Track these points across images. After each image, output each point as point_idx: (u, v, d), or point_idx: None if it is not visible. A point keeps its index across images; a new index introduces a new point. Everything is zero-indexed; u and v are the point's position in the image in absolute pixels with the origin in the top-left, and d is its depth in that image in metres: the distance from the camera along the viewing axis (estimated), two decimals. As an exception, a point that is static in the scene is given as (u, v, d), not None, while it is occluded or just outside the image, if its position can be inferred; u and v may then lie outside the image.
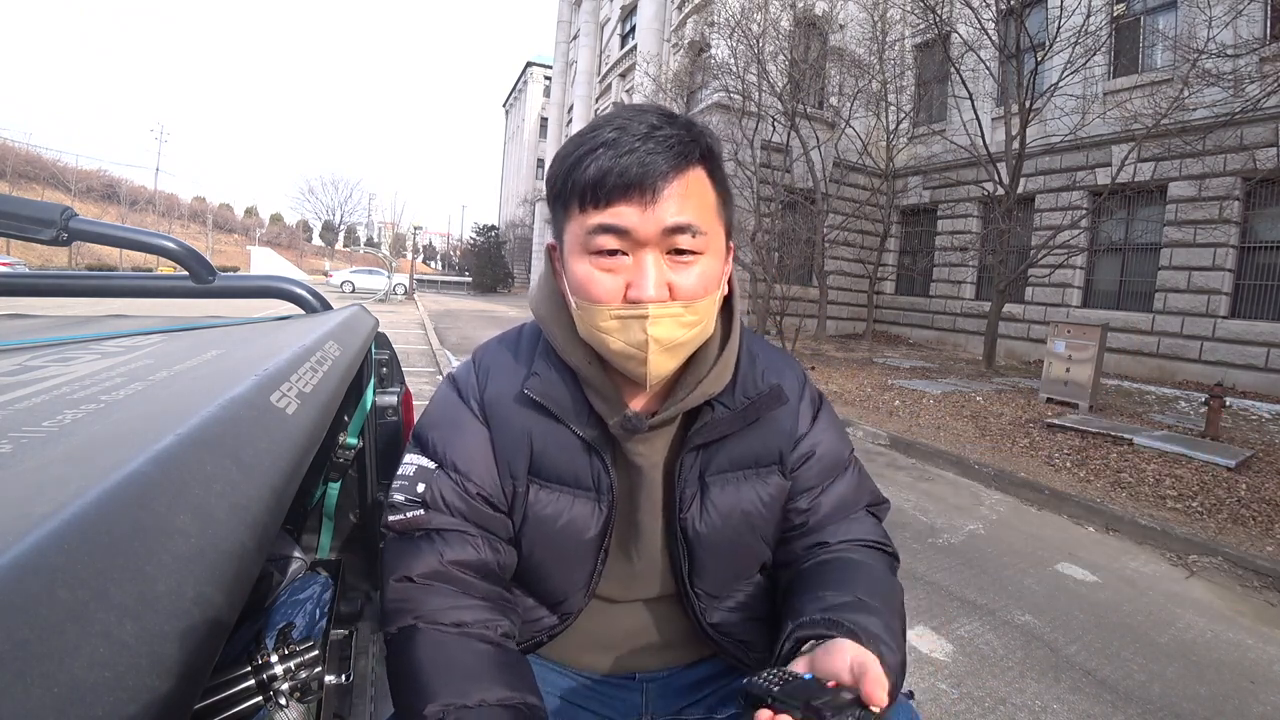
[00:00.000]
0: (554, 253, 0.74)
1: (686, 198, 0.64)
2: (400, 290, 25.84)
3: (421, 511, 0.71)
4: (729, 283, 0.74)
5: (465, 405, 0.76)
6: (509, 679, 0.63)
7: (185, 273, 1.10)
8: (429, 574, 0.68)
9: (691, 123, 0.67)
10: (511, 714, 0.60)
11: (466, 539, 0.70)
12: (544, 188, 0.72)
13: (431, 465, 0.73)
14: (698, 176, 0.65)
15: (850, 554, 0.75)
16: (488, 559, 0.71)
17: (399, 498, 0.72)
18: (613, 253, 0.64)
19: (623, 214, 0.62)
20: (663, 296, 0.64)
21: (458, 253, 59.53)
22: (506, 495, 0.73)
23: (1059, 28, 8.27)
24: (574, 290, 0.67)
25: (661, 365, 0.66)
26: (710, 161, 0.67)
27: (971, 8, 8.47)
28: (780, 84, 10.86)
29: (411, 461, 0.74)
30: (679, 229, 0.63)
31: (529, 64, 41.46)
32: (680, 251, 0.65)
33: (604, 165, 0.62)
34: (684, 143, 0.64)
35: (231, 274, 1.16)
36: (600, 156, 0.62)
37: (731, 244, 0.73)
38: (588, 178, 0.62)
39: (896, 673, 0.57)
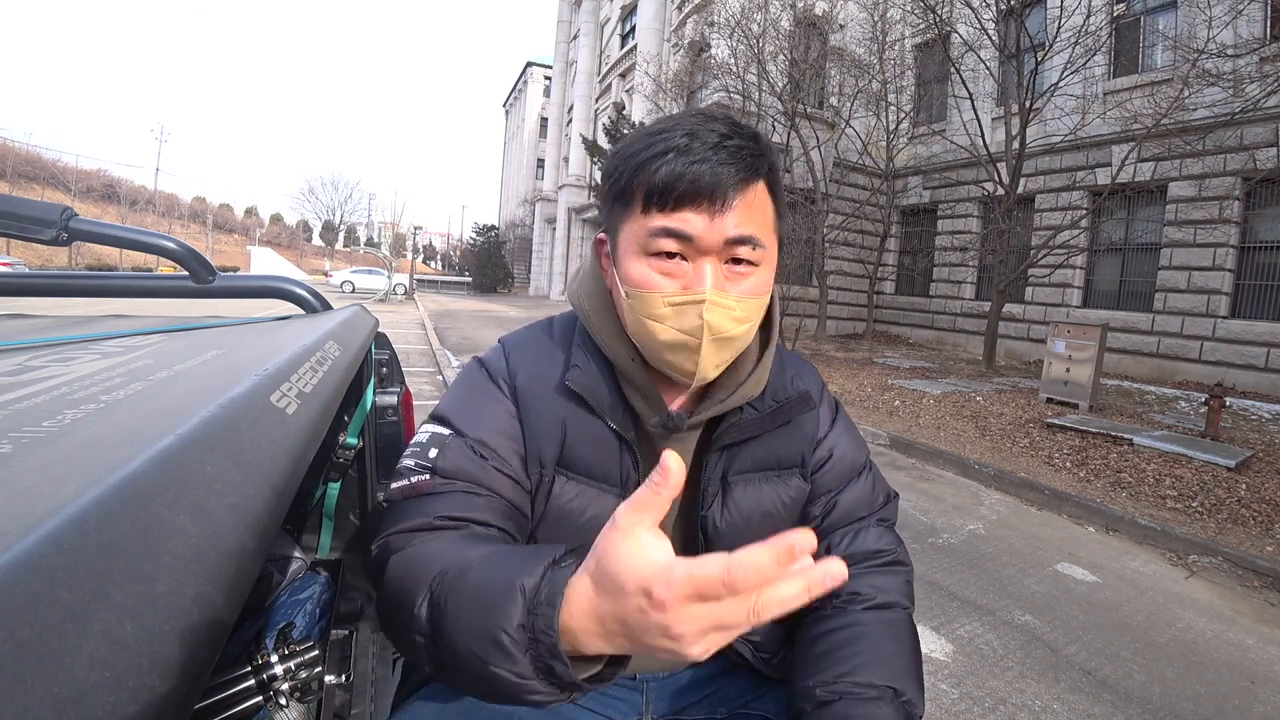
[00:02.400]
0: (602, 247, 0.74)
1: (751, 209, 0.64)
2: (400, 290, 25.84)
3: (428, 477, 0.66)
4: (770, 295, 0.75)
5: (495, 386, 0.74)
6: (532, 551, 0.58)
7: (185, 273, 1.09)
8: (423, 526, 0.63)
9: (758, 135, 0.67)
10: (500, 545, 0.58)
11: (472, 497, 0.66)
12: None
13: (447, 433, 0.69)
14: (761, 190, 0.66)
15: (852, 616, 0.72)
16: (490, 520, 0.65)
17: (408, 463, 0.68)
18: (672, 255, 0.64)
19: (689, 220, 0.63)
20: None
21: (458, 253, 59.59)
22: (531, 480, 0.72)
23: (1059, 28, 8.28)
24: (627, 282, 0.67)
25: (709, 358, 0.66)
26: (772, 175, 0.67)
27: (971, 8, 8.47)
28: (780, 84, 10.86)
29: (427, 430, 0.71)
30: (742, 240, 0.64)
31: (529, 64, 41.44)
32: (739, 261, 0.65)
33: (675, 170, 0.62)
34: (754, 155, 0.64)
35: (231, 274, 1.15)
36: (671, 161, 0.62)
37: (780, 260, 0.74)
38: (657, 180, 0.62)
39: None
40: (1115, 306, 9.69)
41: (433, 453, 0.68)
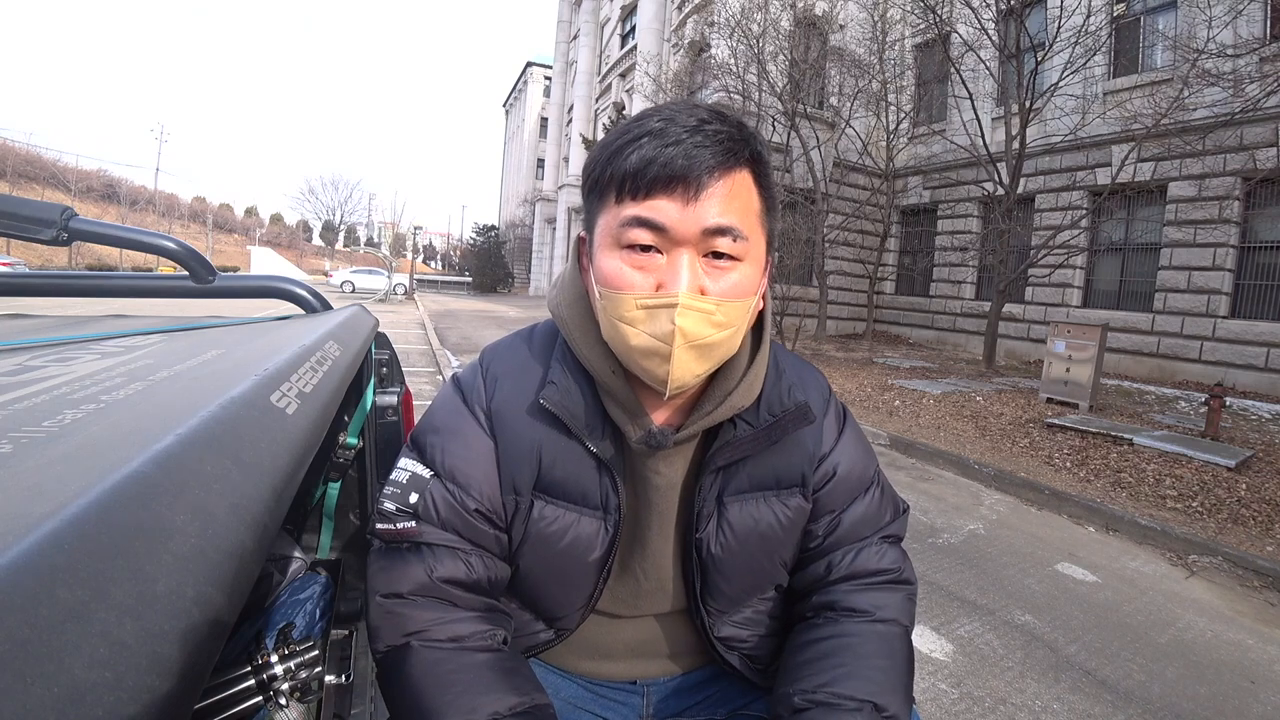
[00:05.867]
0: (583, 246, 0.69)
1: (731, 198, 0.59)
2: (400, 290, 25.84)
3: (413, 523, 0.66)
4: (763, 297, 0.68)
5: (469, 412, 0.70)
6: (515, 684, 0.61)
7: (185, 273, 1.10)
8: (418, 589, 0.65)
9: (742, 123, 0.62)
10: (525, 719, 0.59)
11: (458, 555, 0.67)
12: (579, 176, 0.67)
13: (427, 474, 0.68)
14: (744, 178, 0.61)
15: (843, 627, 0.70)
16: (479, 576, 0.67)
17: (389, 506, 0.67)
18: (646, 249, 0.59)
19: (661, 209, 0.58)
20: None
21: (458, 253, 59.55)
22: (506, 510, 0.69)
23: (1059, 28, 8.28)
24: (600, 282, 0.62)
25: (684, 366, 0.60)
26: (758, 165, 0.62)
27: (971, 8, 8.47)
28: (780, 84, 10.86)
29: (406, 467, 0.69)
30: (720, 231, 0.59)
31: (529, 64, 41.43)
32: (718, 255, 0.60)
33: (646, 155, 0.57)
34: (734, 140, 0.59)
35: (231, 274, 1.16)
36: (644, 145, 0.58)
37: (770, 258, 0.67)
38: (628, 166, 0.58)
39: None
40: (1115, 306, 9.68)
41: (413, 497, 0.67)
